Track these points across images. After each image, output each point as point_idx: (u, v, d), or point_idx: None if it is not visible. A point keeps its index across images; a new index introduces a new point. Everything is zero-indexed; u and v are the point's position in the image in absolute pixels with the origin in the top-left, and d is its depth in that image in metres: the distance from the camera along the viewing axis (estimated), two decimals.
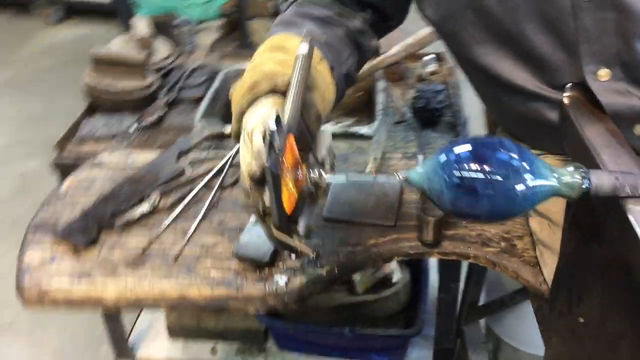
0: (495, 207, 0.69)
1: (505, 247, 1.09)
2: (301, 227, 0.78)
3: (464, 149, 0.71)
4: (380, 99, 1.61)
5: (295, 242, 0.78)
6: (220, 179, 1.24)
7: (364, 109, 1.68)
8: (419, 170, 0.75)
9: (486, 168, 0.67)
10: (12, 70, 4.26)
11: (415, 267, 1.81)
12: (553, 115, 0.93)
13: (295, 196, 0.76)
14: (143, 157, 1.36)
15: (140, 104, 1.62)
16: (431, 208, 1.15)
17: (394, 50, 1.72)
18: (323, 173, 0.78)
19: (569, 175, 0.67)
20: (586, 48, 0.86)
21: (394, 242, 1.11)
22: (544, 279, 1.03)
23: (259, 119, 0.80)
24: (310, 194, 0.80)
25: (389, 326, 1.76)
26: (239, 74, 1.87)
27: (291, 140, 0.74)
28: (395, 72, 1.72)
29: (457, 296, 1.59)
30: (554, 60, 0.89)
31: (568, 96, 0.91)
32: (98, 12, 4.71)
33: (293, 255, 0.87)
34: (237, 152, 1.28)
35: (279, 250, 1.06)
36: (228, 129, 1.46)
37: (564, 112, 0.90)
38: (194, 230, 1.14)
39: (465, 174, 0.68)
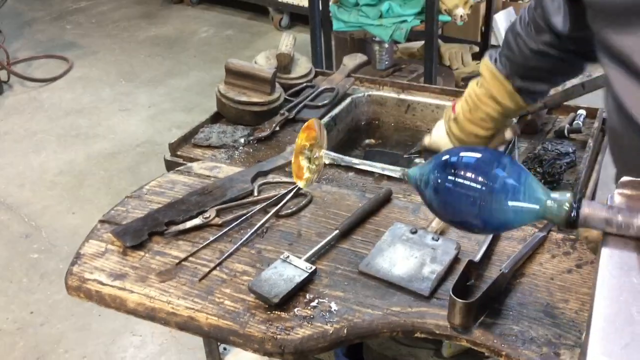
0: (479, 219, 0.71)
1: (545, 354, 0.91)
2: None
3: (468, 155, 0.73)
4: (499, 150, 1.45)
5: None
6: (278, 207, 1.22)
7: None
8: (419, 168, 0.78)
9: (480, 179, 0.69)
10: None
11: None
12: None
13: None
14: (227, 171, 1.39)
15: (260, 117, 1.66)
16: (466, 290, 1.01)
17: None
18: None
19: (560, 202, 0.66)
20: None
21: (420, 315, 0.99)
22: None
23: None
24: None
25: None
26: (369, 100, 1.82)
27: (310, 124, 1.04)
28: (529, 124, 1.53)
29: None
30: None
31: None
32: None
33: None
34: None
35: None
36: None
37: None
38: (231, 254, 1.13)
39: (459, 180, 0.70)
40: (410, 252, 1.09)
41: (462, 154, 0.72)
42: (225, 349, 1.90)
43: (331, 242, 1.14)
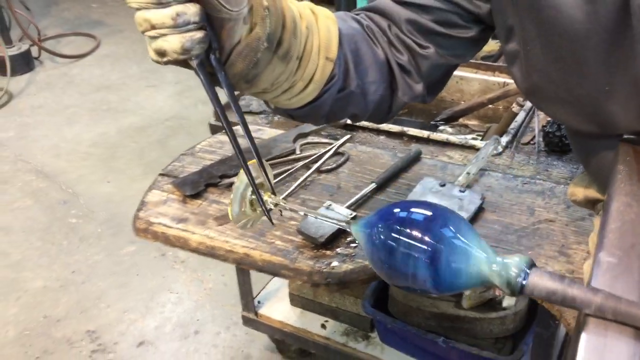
0: (425, 281, 0.65)
1: None
2: None
3: (411, 211, 0.68)
4: (519, 117, 1.57)
5: None
6: (319, 164, 1.35)
7: (506, 122, 1.64)
8: (365, 220, 0.71)
9: (426, 239, 0.64)
10: None
11: None
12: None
13: None
14: (270, 133, 1.53)
15: None
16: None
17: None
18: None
19: (507, 268, 0.61)
20: None
21: None
22: None
23: None
24: None
25: (490, 348, 1.72)
26: None
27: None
28: None
29: (556, 334, 1.50)
30: (608, 113, 0.83)
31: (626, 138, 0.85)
32: None
33: None
34: (343, 143, 1.39)
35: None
36: None
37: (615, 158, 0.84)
38: None
39: (404, 239, 0.65)
40: (439, 202, 1.23)
41: (412, 209, 0.68)
42: (259, 302, 2.05)
43: (368, 193, 1.28)
